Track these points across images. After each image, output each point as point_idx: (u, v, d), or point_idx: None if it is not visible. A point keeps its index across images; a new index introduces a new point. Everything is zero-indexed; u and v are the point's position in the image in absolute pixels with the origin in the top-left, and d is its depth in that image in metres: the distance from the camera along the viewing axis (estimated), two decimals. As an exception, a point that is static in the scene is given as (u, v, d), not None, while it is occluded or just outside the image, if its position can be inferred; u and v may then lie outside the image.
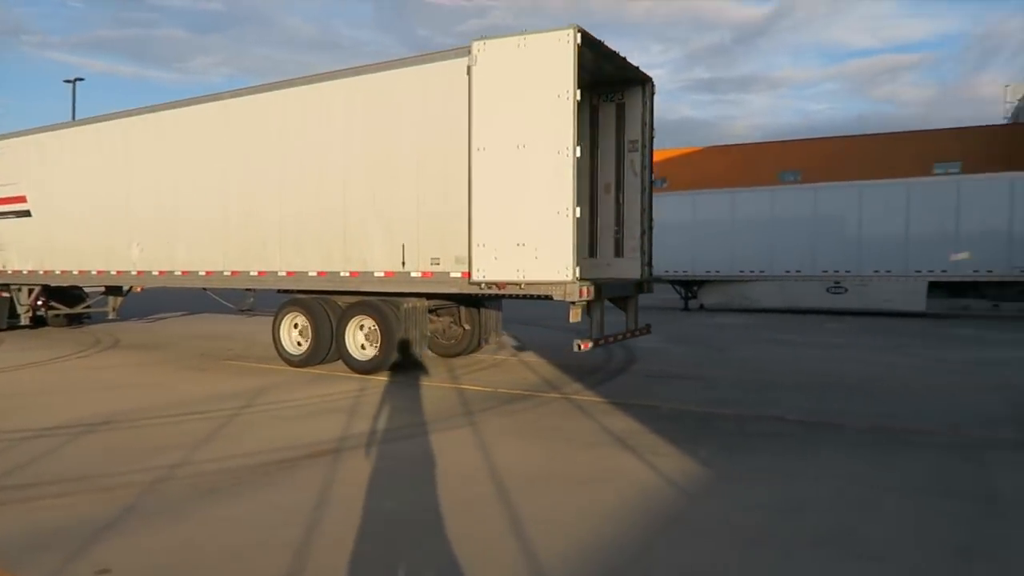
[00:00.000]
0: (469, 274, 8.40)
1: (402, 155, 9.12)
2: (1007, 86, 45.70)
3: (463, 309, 10.68)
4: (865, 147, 35.98)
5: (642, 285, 9.91)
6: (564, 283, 7.95)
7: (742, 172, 34.83)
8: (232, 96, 10.79)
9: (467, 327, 10.83)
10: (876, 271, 19.55)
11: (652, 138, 9.85)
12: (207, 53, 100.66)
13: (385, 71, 9.25)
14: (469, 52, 8.29)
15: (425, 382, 9.05)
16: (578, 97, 7.79)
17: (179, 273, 11.50)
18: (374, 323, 9.56)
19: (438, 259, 8.85)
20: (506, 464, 5.46)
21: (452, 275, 8.74)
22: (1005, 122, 42.83)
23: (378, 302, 9.51)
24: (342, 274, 9.67)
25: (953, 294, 19.81)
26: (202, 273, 11.18)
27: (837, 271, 19.88)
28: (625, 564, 3.76)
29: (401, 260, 9.13)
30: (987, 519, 4.35)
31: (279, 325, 10.50)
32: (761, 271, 20.61)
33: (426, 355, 10.15)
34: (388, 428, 6.70)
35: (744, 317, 19.32)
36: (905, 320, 18.05)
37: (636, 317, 9.87)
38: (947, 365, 10.62)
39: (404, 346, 9.39)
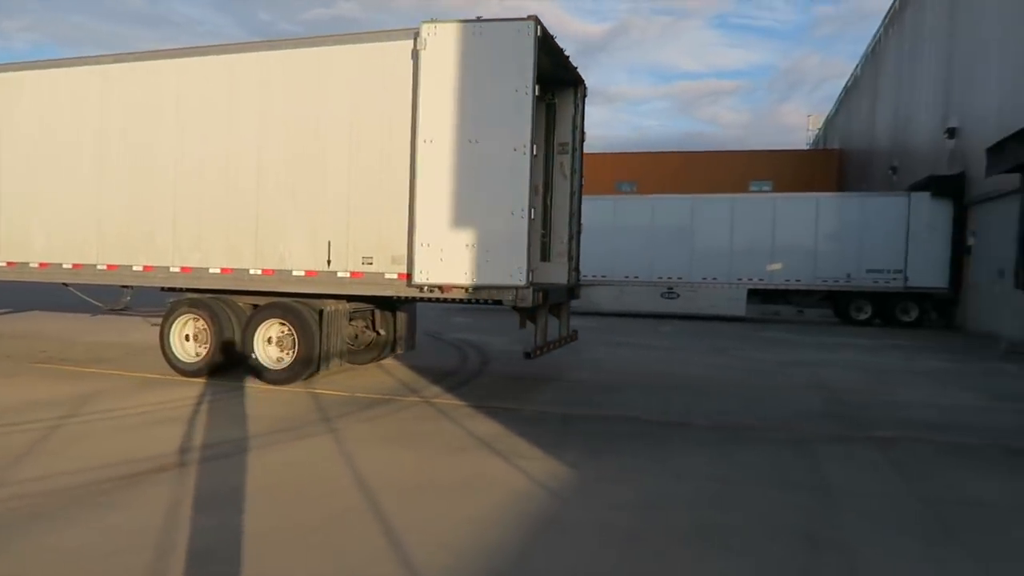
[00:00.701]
0: (409, 276, 7.91)
1: (331, 142, 8.34)
2: (809, 116, 51.28)
3: (378, 313, 9.81)
4: (691, 162, 38.87)
5: (572, 290, 9.78)
6: (517, 288, 7.59)
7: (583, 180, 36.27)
8: (115, 61, 9.36)
9: (381, 332, 10.02)
10: (704, 278, 21.19)
11: (583, 141, 9.64)
12: (10, 16, 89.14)
13: (311, 47, 8.47)
14: (417, 35, 7.77)
15: (274, 385, 8.52)
16: (537, 93, 7.50)
17: (35, 266, 9.79)
18: (289, 328, 8.62)
19: (371, 258, 8.18)
20: (374, 473, 5.26)
21: (387, 276, 8.12)
22: (808, 147, 48.02)
23: (295, 304, 8.59)
24: (252, 272, 8.69)
25: (766, 300, 21.94)
26: (67, 266, 9.57)
27: (671, 278, 21.29)
28: (509, 570, 3.74)
29: (326, 258, 8.33)
30: (825, 508, 4.80)
31: (169, 329, 9.13)
32: (603, 276, 21.58)
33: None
34: (237, 438, 6.22)
35: (587, 320, 20.13)
36: (729, 324, 19.67)
37: (568, 323, 9.79)
38: (769, 365, 11.68)
39: (324, 354, 8.56)
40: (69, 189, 9.57)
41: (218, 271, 8.87)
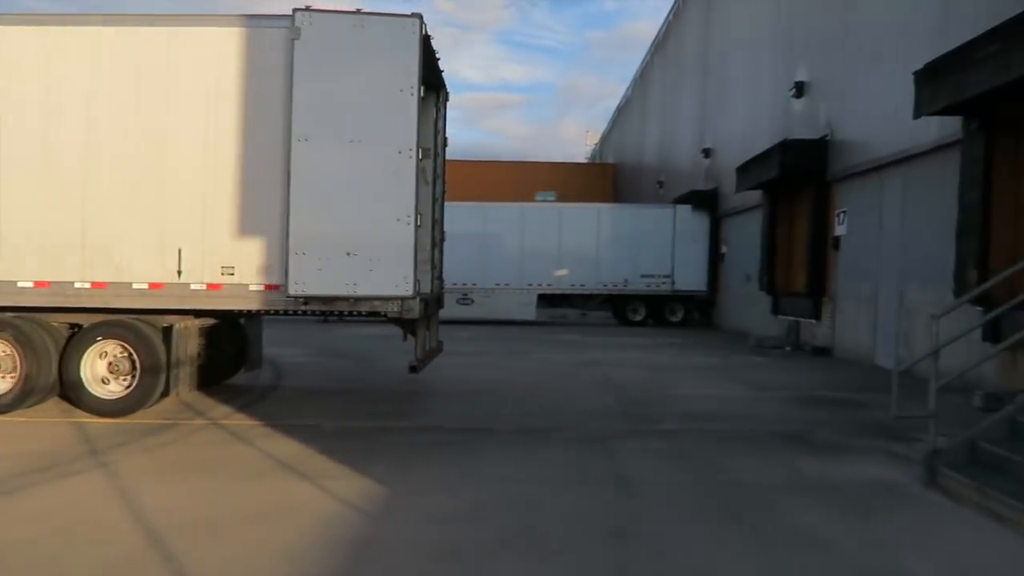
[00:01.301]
0: (280, 287, 7.21)
1: (181, 137, 7.34)
2: (587, 131, 55.16)
3: (224, 328, 8.72)
4: (482, 171, 39.95)
5: (439, 299, 9.34)
6: (403, 298, 7.22)
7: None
8: None
9: (227, 349, 8.87)
10: (498, 284, 21.84)
11: (445, 146, 9.22)
12: None
13: (156, 27, 7.38)
14: (291, 22, 7.08)
15: (22, 417, 7.27)
16: (422, 94, 7.15)
17: None
18: (126, 350, 7.37)
19: (232, 268, 7.32)
20: (158, 511, 4.64)
21: (253, 288, 7.34)
22: (587, 161, 51.55)
23: (134, 322, 7.39)
24: (78, 285, 7.33)
25: (551, 304, 23.15)
26: None
27: (466, 284, 21.63)
28: (325, 604, 3.47)
29: (176, 268, 7.32)
30: (627, 501, 5.07)
31: None
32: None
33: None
34: (-22, 483, 5.19)
35: (379, 327, 19.75)
36: (521, 328, 20.42)
37: (437, 333, 9.33)
38: (564, 367, 12.25)
39: (173, 378, 7.43)
40: None
41: (30, 285, 7.38)
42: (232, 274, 7.39)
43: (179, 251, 7.38)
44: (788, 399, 9.34)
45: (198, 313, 7.84)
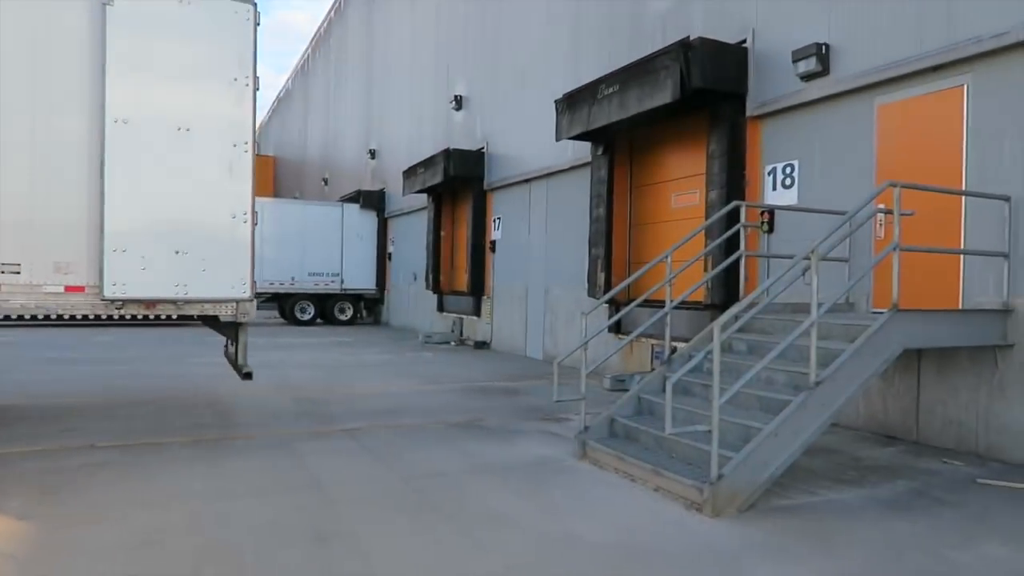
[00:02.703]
0: (83, 288, 6.43)
1: None
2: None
3: None
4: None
5: None
6: (239, 300, 6.90)
7: None
8: None
9: None
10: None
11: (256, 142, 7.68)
12: None
13: None
14: None
15: None
16: (258, 86, 6.96)
17: None
18: None
19: (16, 265, 6.30)
20: None
21: (48, 289, 6.37)
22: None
23: None
24: None
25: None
26: None
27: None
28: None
29: None
30: (323, 503, 5.01)
31: None
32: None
33: None
34: None
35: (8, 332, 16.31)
36: (189, 329, 18.52)
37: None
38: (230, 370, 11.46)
39: None
40: None
41: None
42: (17, 272, 6.36)
43: None
44: (458, 390, 10.07)
45: None
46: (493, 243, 16.16)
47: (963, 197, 6.80)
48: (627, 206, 11.86)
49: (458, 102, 17.65)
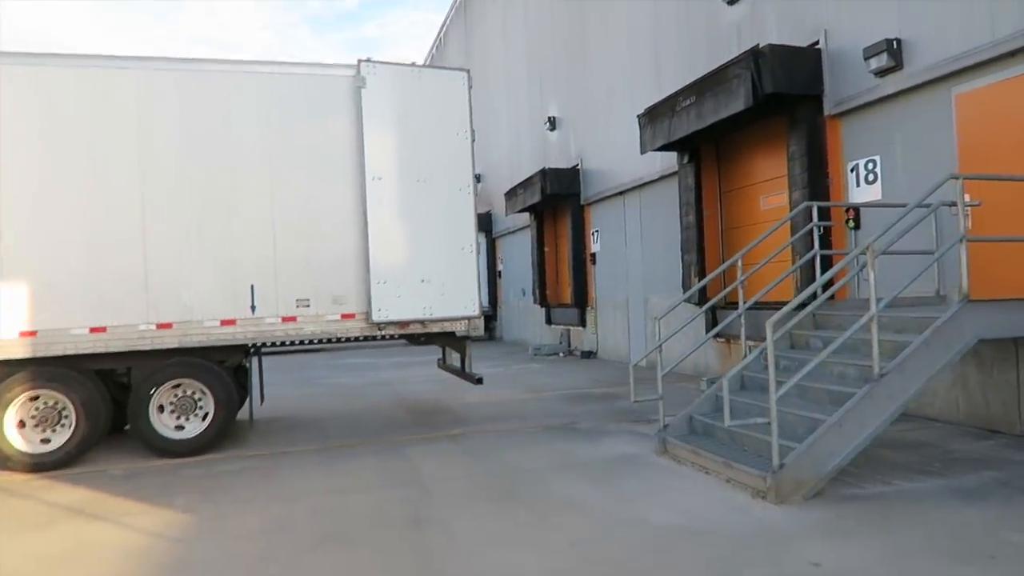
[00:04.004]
0: (354, 315, 7.85)
1: (248, 179, 7.61)
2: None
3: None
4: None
5: None
6: (470, 318, 8.22)
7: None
8: None
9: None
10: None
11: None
12: None
13: (218, 71, 7.62)
14: (356, 71, 7.84)
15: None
16: (474, 137, 8.24)
17: None
18: (196, 389, 7.61)
19: (307, 300, 7.73)
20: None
21: (329, 318, 7.78)
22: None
23: (201, 361, 7.57)
24: (142, 327, 7.29)
25: None
26: None
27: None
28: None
29: (250, 304, 7.54)
30: (423, 495, 5.76)
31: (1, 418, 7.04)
32: None
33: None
34: None
35: None
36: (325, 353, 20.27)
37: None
38: (355, 388, 12.62)
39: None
40: None
41: (85, 331, 7.16)
42: (307, 306, 7.78)
43: (251, 288, 7.62)
44: (558, 397, 10.65)
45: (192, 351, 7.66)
46: (593, 255, 16.66)
47: (1049, 181, 6.65)
48: (717, 211, 12.05)
49: (552, 123, 18.36)
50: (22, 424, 7.21)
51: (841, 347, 6.36)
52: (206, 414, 7.63)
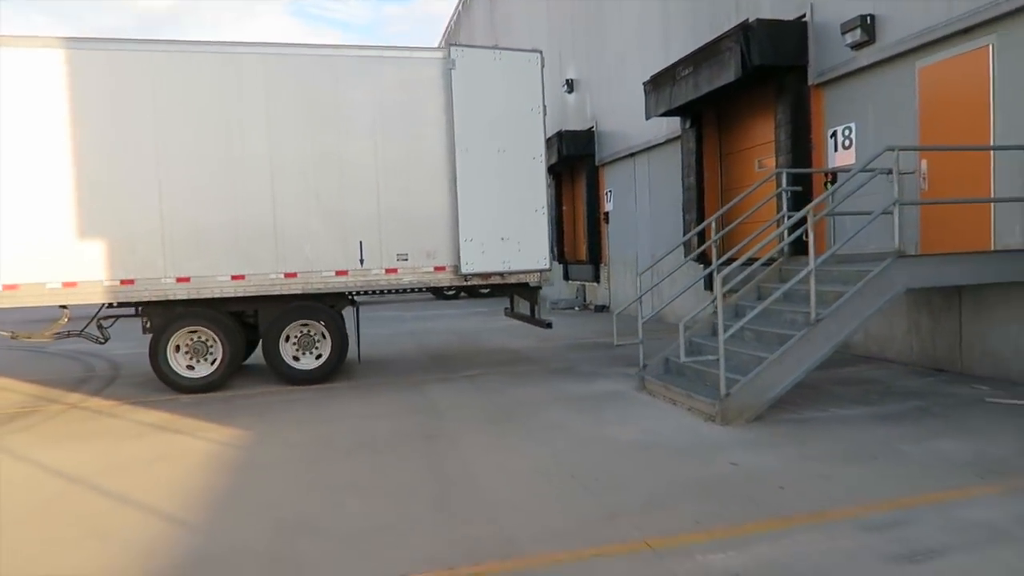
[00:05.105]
0: (444, 268, 9.12)
1: (356, 150, 8.91)
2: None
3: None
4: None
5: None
6: (543, 271, 9.50)
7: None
8: (92, 48, 8.30)
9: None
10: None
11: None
12: None
13: (328, 55, 8.87)
14: (447, 54, 8.95)
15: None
16: (545, 112, 9.33)
17: None
18: (315, 329, 9.15)
19: (406, 254, 9.05)
20: (63, 462, 5.83)
21: (424, 270, 9.12)
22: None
23: (317, 305, 9.06)
24: (272, 276, 8.79)
25: None
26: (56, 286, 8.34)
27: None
28: (230, 492, 5.03)
29: (359, 257, 8.93)
30: (435, 419, 7.01)
31: (165, 347, 8.73)
32: None
33: None
34: None
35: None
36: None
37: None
38: (380, 338, 13.93)
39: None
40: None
41: (227, 278, 8.68)
42: (406, 259, 9.12)
43: (360, 243, 8.96)
44: (567, 346, 11.83)
45: (310, 297, 9.10)
46: (607, 214, 17.61)
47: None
48: (718, 173, 12.90)
49: (569, 85, 19.12)
50: (177, 350, 8.87)
51: (796, 296, 7.40)
52: (319, 355, 9.17)
